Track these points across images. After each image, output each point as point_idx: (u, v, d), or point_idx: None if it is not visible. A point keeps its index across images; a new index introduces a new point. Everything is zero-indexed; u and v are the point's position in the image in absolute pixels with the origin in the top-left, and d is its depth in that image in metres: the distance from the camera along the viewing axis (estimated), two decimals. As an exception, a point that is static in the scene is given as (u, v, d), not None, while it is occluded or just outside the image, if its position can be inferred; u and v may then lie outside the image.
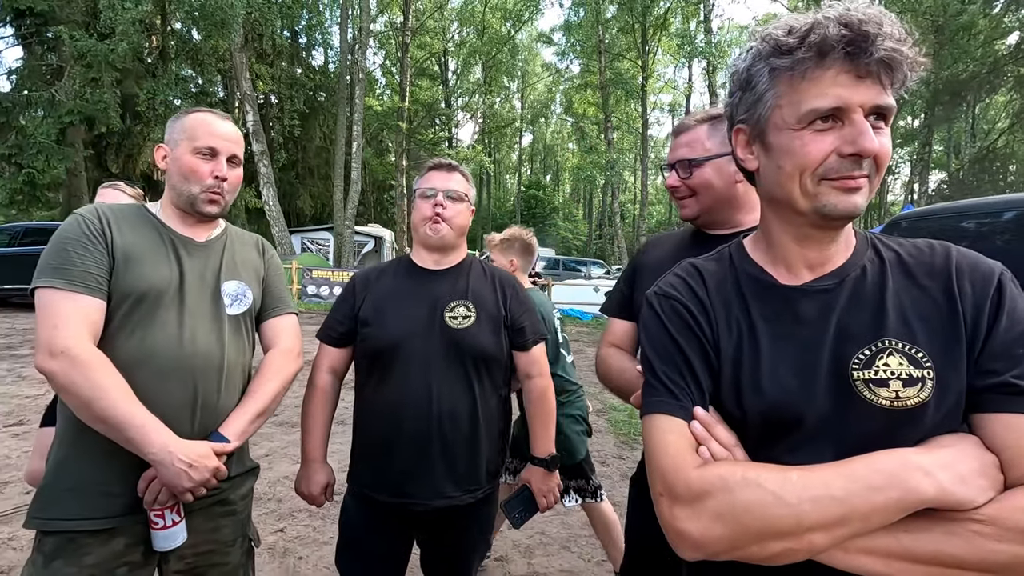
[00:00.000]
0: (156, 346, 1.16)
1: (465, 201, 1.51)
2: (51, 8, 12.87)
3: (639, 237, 25.38)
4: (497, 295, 1.50)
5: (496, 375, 1.48)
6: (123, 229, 1.21)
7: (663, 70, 29.89)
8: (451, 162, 1.54)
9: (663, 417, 0.73)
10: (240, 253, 1.39)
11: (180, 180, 1.25)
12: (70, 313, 1.08)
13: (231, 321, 1.30)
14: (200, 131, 1.26)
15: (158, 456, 1.08)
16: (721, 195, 1.23)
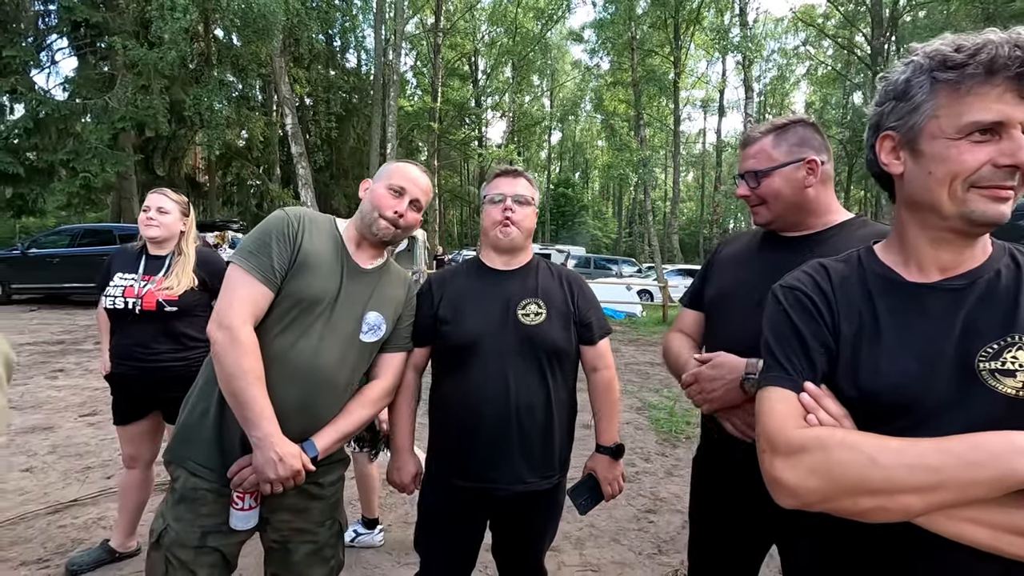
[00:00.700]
0: (296, 350, 1.31)
1: (532, 205, 1.60)
2: (105, 19, 13.51)
3: (670, 235, 25.11)
4: (565, 292, 1.60)
5: (566, 368, 1.58)
6: (313, 237, 1.37)
7: (695, 65, 29.50)
8: (517, 168, 1.64)
9: (774, 389, 0.81)
10: (389, 288, 1.51)
11: (369, 207, 1.43)
12: (245, 296, 1.26)
13: (361, 347, 1.43)
14: (397, 174, 1.45)
15: (261, 441, 1.22)
16: (791, 202, 1.29)
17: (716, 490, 1.40)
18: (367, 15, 20.36)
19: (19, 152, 13.14)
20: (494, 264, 1.62)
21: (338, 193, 22.68)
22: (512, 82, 23.06)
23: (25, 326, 8.54)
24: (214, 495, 1.31)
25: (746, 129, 12.00)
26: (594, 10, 22.73)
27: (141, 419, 2.21)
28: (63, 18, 14.15)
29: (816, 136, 1.31)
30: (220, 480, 1.30)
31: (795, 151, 1.28)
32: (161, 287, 2.10)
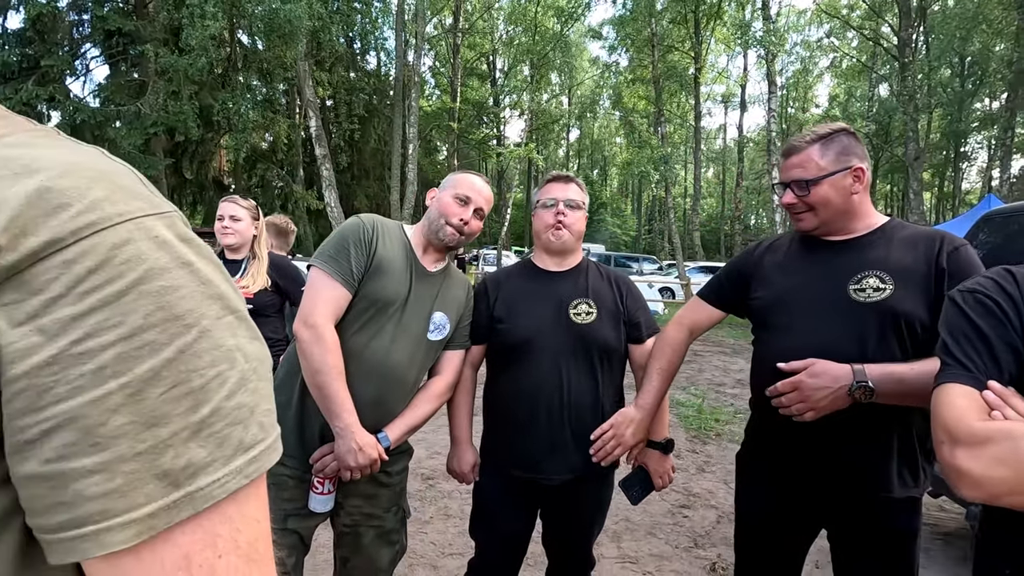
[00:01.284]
0: (370, 349, 1.42)
1: (582, 209, 1.68)
2: (136, 28, 13.89)
3: (691, 232, 24.92)
4: (614, 292, 1.67)
5: (616, 365, 1.65)
6: (385, 241, 1.48)
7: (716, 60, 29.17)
8: (568, 174, 1.72)
9: (952, 385, 0.82)
10: (451, 290, 1.61)
11: (436, 215, 1.53)
12: (328, 298, 1.37)
13: (428, 345, 1.54)
14: (463, 184, 1.56)
15: (342, 431, 1.34)
16: (839, 208, 1.35)
17: (765, 479, 1.46)
18: (387, 17, 20.55)
19: (56, 158, 13.56)
20: (546, 265, 1.70)
21: (360, 194, 22.97)
22: (531, 81, 23.10)
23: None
24: (295, 481, 1.42)
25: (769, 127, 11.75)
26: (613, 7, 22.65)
27: None
28: (96, 27, 14.57)
29: (858, 144, 1.37)
30: (301, 467, 1.41)
31: (842, 159, 1.34)
32: (239, 286, 2.22)
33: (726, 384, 6.39)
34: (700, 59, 20.55)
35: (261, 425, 0.40)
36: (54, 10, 14.03)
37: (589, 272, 1.71)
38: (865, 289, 1.29)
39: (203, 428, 0.37)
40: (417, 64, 17.04)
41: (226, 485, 0.37)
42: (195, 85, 13.99)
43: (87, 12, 14.73)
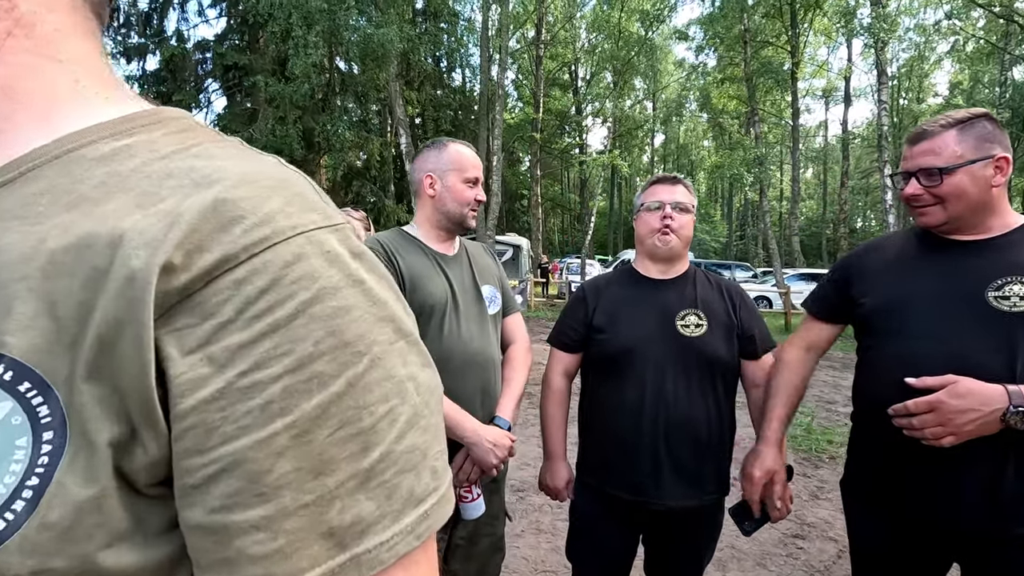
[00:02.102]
0: (450, 349, 1.40)
1: (691, 212, 1.56)
2: (249, 61, 15.32)
3: (790, 236, 23.28)
4: (726, 303, 1.54)
5: (727, 382, 1.51)
6: (402, 253, 1.45)
7: (815, 52, 27.23)
8: (675, 175, 1.60)
9: None
10: (479, 261, 1.61)
11: (453, 204, 1.50)
12: None
13: (492, 320, 1.54)
14: (466, 163, 1.51)
15: (471, 438, 1.34)
16: (976, 202, 1.16)
17: (878, 510, 1.28)
18: (472, 35, 21.18)
19: (184, 182, 15.21)
20: (649, 273, 1.60)
21: (446, 206, 23.66)
22: (614, 88, 22.81)
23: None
24: None
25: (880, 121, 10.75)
26: (700, 6, 21.87)
27: None
28: (217, 63, 16.24)
29: (1001, 132, 1.18)
30: None
31: (983, 147, 1.16)
32: None
33: (837, 402, 5.84)
34: (797, 53, 19.28)
35: (433, 471, 0.36)
36: (183, 51, 15.79)
37: (697, 281, 1.58)
38: (1009, 297, 1.11)
39: (372, 477, 0.33)
40: (501, 78, 17.38)
41: (395, 548, 0.33)
42: (299, 110, 15.14)
43: (209, 51, 16.44)
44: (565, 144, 28.79)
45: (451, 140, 1.55)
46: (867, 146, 35.73)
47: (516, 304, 1.69)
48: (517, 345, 1.64)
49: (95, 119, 0.37)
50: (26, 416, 0.29)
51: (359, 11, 13.52)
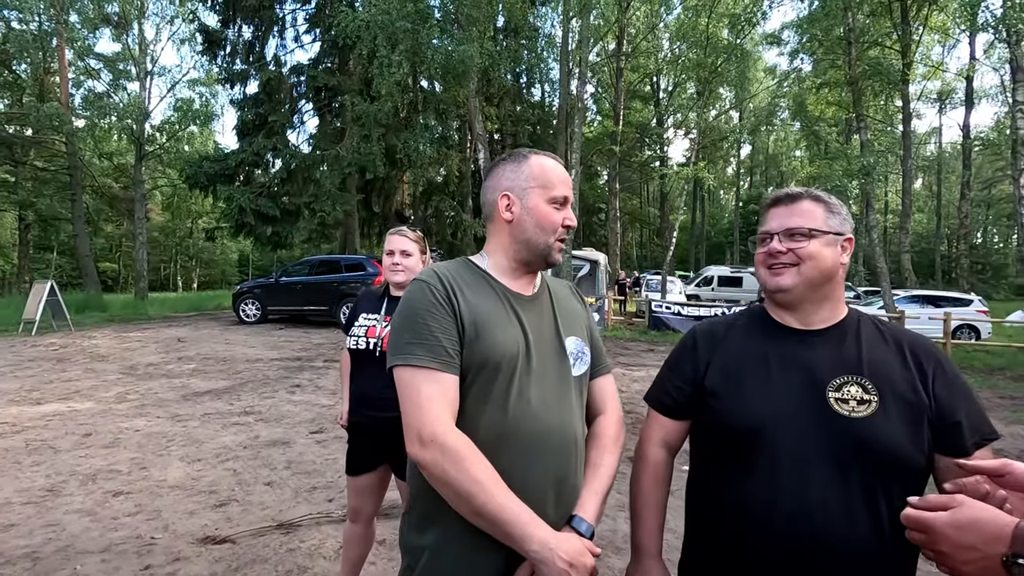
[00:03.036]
0: (516, 421, 1.05)
1: (821, 235, 1.09)
2: (339, 82, 16.04)
3: (900, 253, 21.05)
4: (911, 370, 1.06)
5: (909, 487, 1.02)
6: (465, 292, 1.11)
7: (928, 52, 24.72)
8: (792, 190, 1.15)
9: None
10: (565, 305, 1.24)
11: (536, 231, 1.15)
12: (432, 395, 1.00)
13: (576, 383, 1.17)
14: (552, 179, 1.16)
15: (540, 555, 0.96)
16: None
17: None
18: (552, 49, 21.10)
19: (277, 198, 16.12)
20: (786, 320, 1.16)
21: (522, 220, 23.65)
22: (699, 97, 21.84)
23: (275, 343, 10.18)
24: None
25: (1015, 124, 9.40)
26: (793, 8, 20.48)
27: (370, 471, 2.16)
28: (309, 86, 17.15)
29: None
30: None
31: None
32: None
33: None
34: (909, 53, 17.50)
35: None
36: (280, 75, 16.79)
37: (863, 333, 1.11)
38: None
39: None
40: (581, 92, 17.08)
41: None
42: (383, 128, 15.60)
43: (303, 74, 17.41)
44: (645, 157, 27.93)
45: (533, 151, 1.20)
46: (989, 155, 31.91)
47: (607, 363, 1.30)
48: (607, 418, 1.24)
49: None
50: None
51: (441, 30, 13.76)
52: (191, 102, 23.90)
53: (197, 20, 17.88)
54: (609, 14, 19.91)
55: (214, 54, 17.31)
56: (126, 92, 24.08)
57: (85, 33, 21.53)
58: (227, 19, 17.04)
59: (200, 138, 30.71)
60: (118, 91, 23.92)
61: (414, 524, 1.12)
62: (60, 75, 21.44)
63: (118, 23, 21.56)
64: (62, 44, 20.57)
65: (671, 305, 14.62)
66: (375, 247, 20.84)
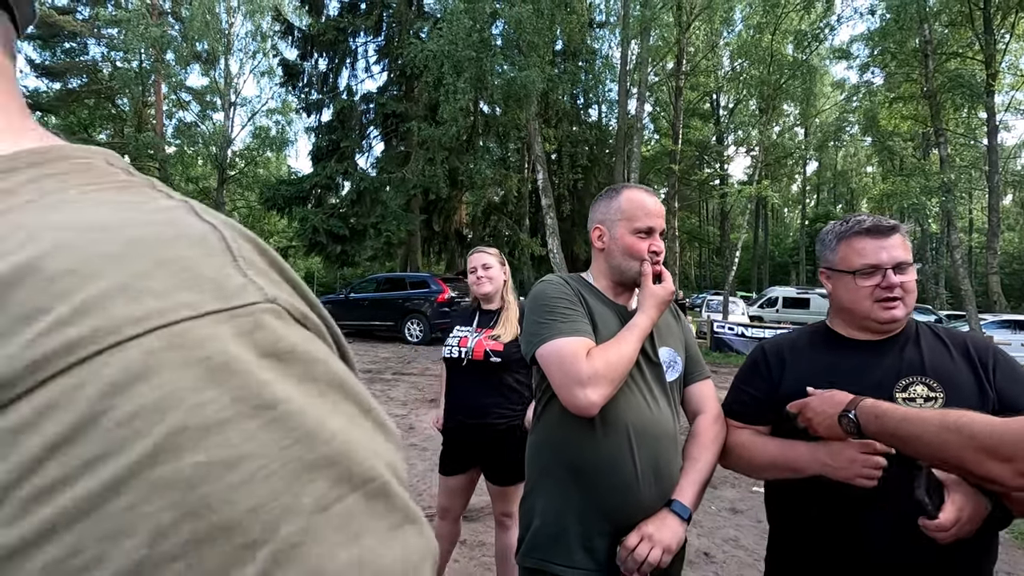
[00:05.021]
0: (627, 413, 1.24)
1: (914, 265, 1.21)
2: (405, 109, 16.86)
3: (987, 275, 19.63)
4: (973, 367, 1.15)
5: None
6: (586, 296, 1.33)
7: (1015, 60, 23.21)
8: (887, 221, 1.23)
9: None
10: (663, 320, 1.41)
11: (623, 257, 1.34)
12: (579, 347, 1.19)
13: (670, 387, 1.35)
14: (637, 211, 1.34)
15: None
16: None
17: None
18: (610, 70, 21.31)
19: (346, 218, 17.00)
20: (852, 334, 1.26)
21: (579, 239, 23.72)
22: (762, 114, 21.41)
23: (345, 355, 10.68)
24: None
25: None
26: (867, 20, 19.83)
27: (462, 473, 2.32)
28: (378, 113, 18.10)
29: None
30: (588, 564, 1.24)
31: None
32: (489, 336, 2.26)
33: None
34: (993, 63, 16.55)
35: None
36: (352, 103, 17.83)
37: (922, 338, 1.21)
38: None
39: None
40: (640, 112, 17.16)
41: None
42: (446, 151, 16.23)
43: (372, 102, 18.40)
44: (705, 175, 27.51)
45: (627, 186, 1.40)
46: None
47: (705, 370, 1.46)
48: (706, 417, 1.38)
49: None
50: None
51: (504, 56, 14.27)
52: (268, 130, 25.66)
53: (279, 55, 19.31)
54: (668, 35, 19.95)
55: (293, 85, 18.62)
56: (212, 122, 26.14)
57: (178, 69, 23.64)
58: (305, 53, 18.31)
59: (275, 163, 32.79)
60: (205, 121, 25.99)
61: (529, 499, 1.35)
62: (156, 108, 23.64)
63: (207, 59, 23.55)
64: (159, 80, 22.72)
65: (734, 326, 14.22)
66: (435, 265, 21.50)
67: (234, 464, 0.20)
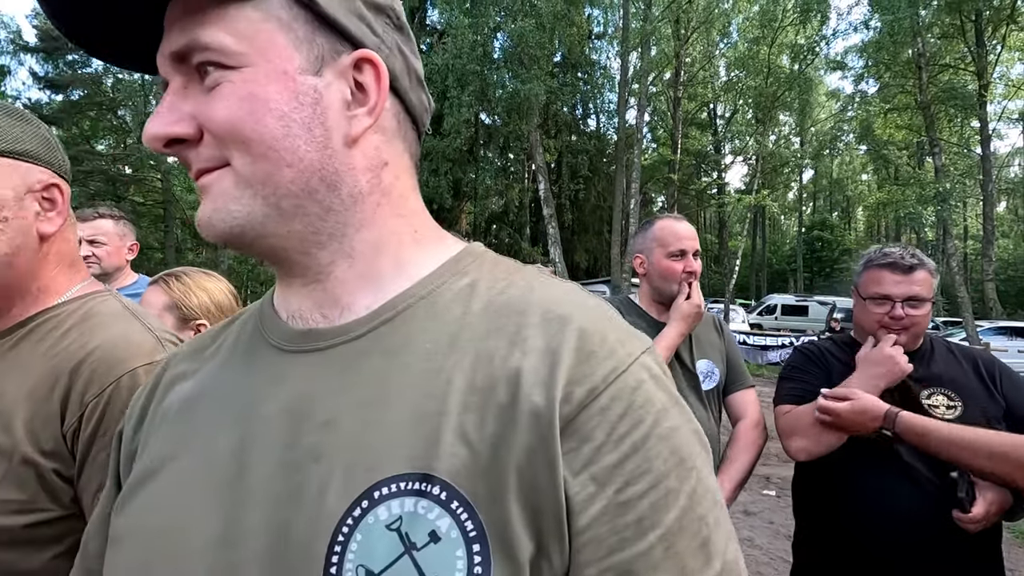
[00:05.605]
0: None
1: (929, 301, 1.35)
2: (409, 121, 17.06)
3: (982, 282, 19.90)
4: (983, 379, 1.32)
5: None
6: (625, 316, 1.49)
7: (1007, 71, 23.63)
8: (910, 259, 1.35)
9: None
10: (701, 335, 1.57)
11: (660, 281, 1.53)
12: None
13: (705, 396, 1.49)
14: (668, 237, 1.53)
15: None
16: None
17: None
18: (609, 80, 21.60)
19: (352, 229, 17.13)
20: None
21: (580, 248, 23.94)
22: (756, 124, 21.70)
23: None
24: None
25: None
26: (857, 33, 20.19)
27: None
28: (381, 124, 18.28)
29: None
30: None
31: None
32: None
33: None
34: (985, 74, 16.87)
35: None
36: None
37: (936, 353, 1.37)
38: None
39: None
40: (640, 122, 17.41)
41: None
42: (449, 162, 16.44)
43: (375, 113, 18.55)
44: (703, 185, 27.79)
45: (661, 216, 1.60)
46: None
47: (748, 380, 1.61)
48: (746, 421, 1.53)
49: (435, 262, 0.46)
50: (458, 530, 0.33)
51: (507, 69, 14.51)
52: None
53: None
54: (667, 47, 20.26)
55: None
56: (214, 132, 26.21)
57: (182, 81, 23.74)
58: (309, 66, 18.54)
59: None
60: (207, 132, 26.07)
61: None
62: (159, 119, 23.74)
63: (210, 71, 23.68)
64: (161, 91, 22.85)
65: (736, 334, 14.36)
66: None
67: (677, 429, 0.38)
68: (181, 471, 0.42)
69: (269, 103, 0.39)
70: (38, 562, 0.63)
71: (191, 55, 0.39)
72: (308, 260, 0.44)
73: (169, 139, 0.40)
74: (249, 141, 0.39)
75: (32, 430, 0.65)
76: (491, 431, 0.35)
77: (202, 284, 1.35)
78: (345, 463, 0.36)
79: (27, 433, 0.65)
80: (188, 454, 0.42)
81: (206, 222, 0.41)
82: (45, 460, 0.65)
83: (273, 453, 0.38)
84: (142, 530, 0.41)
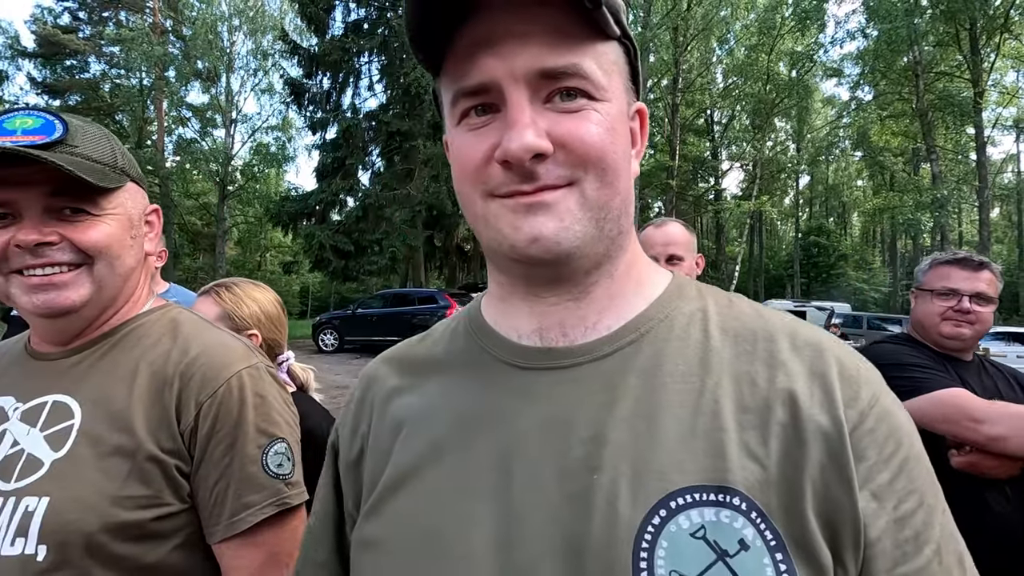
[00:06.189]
0: None
1: (994, 303, 1.39)
2: (409, 127, 17.07)
3: (978, 288, 19.99)
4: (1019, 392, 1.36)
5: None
6: None
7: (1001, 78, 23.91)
8: (978, 257, 1.41)
9: None
10: None
11: None
12: None
13: None
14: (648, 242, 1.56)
15: None
16: None
17: None
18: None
19: (351, 234, 17.12)
20: (948, 351, 1.44)
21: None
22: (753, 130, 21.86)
23: (355, 370, 10.78)
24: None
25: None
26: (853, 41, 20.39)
27: None
28: (380, 131, 18.29)
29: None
30: None
31: None
32: None
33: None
34: (980, 82, 17.07)
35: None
36: (357, 122, 18.03)
37: (984, 367, 1.41)
38: None
39: None
40: (638, 128, 17.51)
41: None
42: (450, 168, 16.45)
43: (375, 120, 18.61)
44: (701, 191, 27.92)
45: (651, 222, 1.62)
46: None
47: None
48: None
49: (660, 286, 0.50)
50: (761, 539, 0.36)
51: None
52: (268, 146, 25.77)
53: (285, 74, 19.50)
54: (665, 54, 20.41)
55: (300, 104, 18.80)
56: (212, 138, 26.25)
57: (179, 86, 23.78)
58: (310, 72, 18.53)
59: (275, 179, 32.84)
60: (205, 137, 26.09)
61: None
62: (158, 124, 23.75)
63: (208, 77, 23.72)
64: (160, 97, 22.84)
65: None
66: (436, 279, 21.63)
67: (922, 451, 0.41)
68: (437, 478, 0.44)
69: (620, 140, 0.44)
70: (160, 555, 0.68)
71: (565, 77, 0.41)
72: (585, 280, 0.47)
73: (538, 152, 0.41)
74: (607, 169, 0.43)
75: (151, 430, 0.70)
76: (776, 448, 0.38)
77: (252, 294, 1.37)
78: (628, 474, 0.38)
79: (148, 433, 0.70)
80: (441, 463, 0.45)
81: (552, 239, 0.42)
82: (167, 457, 0.70)
83: (540, 464, 0.41)
84: (405, 533, 0.44)
